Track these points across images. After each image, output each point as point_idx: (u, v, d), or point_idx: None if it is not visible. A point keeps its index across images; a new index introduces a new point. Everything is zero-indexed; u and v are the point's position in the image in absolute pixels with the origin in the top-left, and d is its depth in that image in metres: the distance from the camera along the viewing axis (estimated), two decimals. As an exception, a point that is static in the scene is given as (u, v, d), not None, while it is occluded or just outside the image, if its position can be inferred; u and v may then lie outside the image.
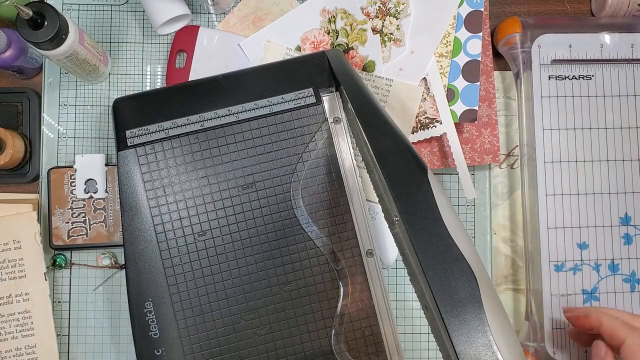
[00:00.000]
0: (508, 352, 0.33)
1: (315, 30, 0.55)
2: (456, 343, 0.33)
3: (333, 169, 0.46)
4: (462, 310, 0.33)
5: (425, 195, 0.37)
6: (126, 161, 0.45)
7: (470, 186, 0.53)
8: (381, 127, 0.40)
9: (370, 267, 0.45)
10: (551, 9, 0.60)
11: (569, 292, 0.53)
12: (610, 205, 0.54)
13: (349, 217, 0.45)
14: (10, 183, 0.55)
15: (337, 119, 0.46)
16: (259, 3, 0.56)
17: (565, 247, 0.53)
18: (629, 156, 0.54)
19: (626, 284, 0.53)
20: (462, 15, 0.54)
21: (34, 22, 0.43)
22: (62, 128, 0.55)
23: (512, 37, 0.55)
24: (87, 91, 0.56)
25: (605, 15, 0.57)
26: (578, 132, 0.54)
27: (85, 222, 0.53)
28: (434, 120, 0.54)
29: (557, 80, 0.54)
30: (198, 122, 0.45)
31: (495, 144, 0.55)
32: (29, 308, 0.51)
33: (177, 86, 0.48)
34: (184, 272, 0.44)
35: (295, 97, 0.46)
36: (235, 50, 0.55)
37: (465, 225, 0.56)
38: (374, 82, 0.54)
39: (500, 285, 0.56)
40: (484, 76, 0.55)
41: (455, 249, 0.35)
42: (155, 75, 0.56)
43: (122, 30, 0.57)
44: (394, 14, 0.54)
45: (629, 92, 0.55)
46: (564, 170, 0.54)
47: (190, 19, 0.56)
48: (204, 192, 0.45)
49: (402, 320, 0.55)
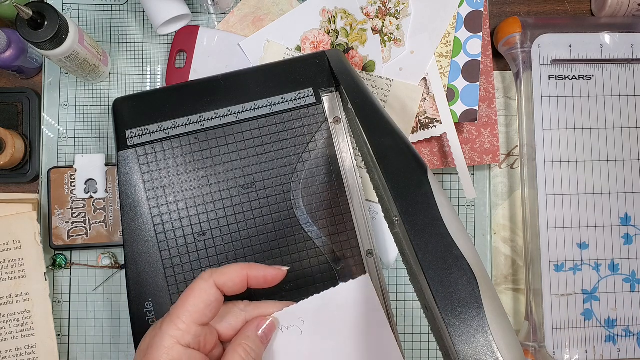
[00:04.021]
0: (508, 352, 0.33)
1: (315, 30, 0.55)
2: (456, 343, 0.33)
3: (333, 169, 0.46)
4: (462, 310, 0.33)
5: (425, 195, 0.37)
6: (126, 161, 0.45)
7: (470, 186, 0.53)
8: (381, 127, 0.40)
9: (370, 267, 0.45)
10: (551, 9, 0.60)
11: (569, 292, 0.53)
12: (610, 205, 0.54)
13: (349, 217, 0.45)
14: (10, 183, 0.55)
15: (337, 119, 0.46)
16: (259, 3, 0.56)
17: (566, 247, 0.53)
18: (629, 156, 0.54)
19: (626, 283, 0.53)
20: (462, 15, 0.54)
21: (34, 22, 0.43)
22: (62, 128, 0.55)
23: (512, 37, 0.55)
24: (87, 91, 0.56)
25: (605, 15, 0.57)
26: (578, 132, 0.54)
27: (85, 222, 0.53)
28: (434, 120, 0.54)
29: (557, 80, 0.54)
30: (198, 122, 0.45)
31: (495, 144, 0.55)
32: (29, 308, 0.51)
33: (177, 86, 0.48)
34: (184, 272, 0.44)
35: (295, 97, 0.46)
36: (235, 50, 0.55)
37: (465, 225, 0.56)
38: (374, 82, 0.54)
39: (501, 285, 0.56)
40: (483, 76, 0.55)
41: (455, 249, 0.35)
42: (155, 75, 0.56)
43: (122, 30, 0.57)
44: (394, 14, 0.54)
45: (629, 92, 0.55)
46: (564, 170, 0.54)
47: (190, 19, 0.56)
48: (204, 192, 0.45)
49: (402, 320, 0.55)
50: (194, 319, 0.34)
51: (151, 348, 0.33)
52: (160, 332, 0.34)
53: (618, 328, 0.53)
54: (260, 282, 0.37)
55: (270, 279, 0.38)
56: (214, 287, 0.35)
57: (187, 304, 0.34)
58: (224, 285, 0.36)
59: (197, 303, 0.34)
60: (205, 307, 0.35)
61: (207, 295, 0.35)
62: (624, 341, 0.53)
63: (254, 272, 0.37)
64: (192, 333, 0.34)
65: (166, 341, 0.33)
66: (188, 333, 0.34)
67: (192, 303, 0.34)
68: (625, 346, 0.52)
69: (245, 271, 0.36)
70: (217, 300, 0.35)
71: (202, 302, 0.34)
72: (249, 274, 0.37)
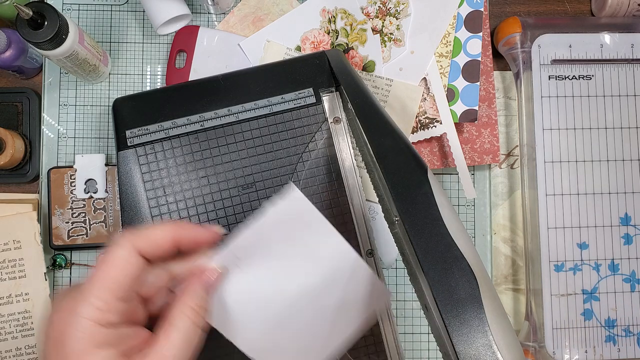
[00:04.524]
0: (508, 352, 0.33)
1: (315, 30, 0.55)
2: (456, 343, 0.33)
3: (333, 169, 0.45)
4: (462, 310, 0.33)
5: (425, 195, 0.37)
6: (126, 161, 0.45)
7: (470, 186, 0.53)
8: (381, 127, 0.40)
9: (370, 267, 0.45)
10: (551, 9, 0.60)
11: (569, 292, 0.53)
12: (610, 205, 0.54)
13: (349, 217, 0.45)
14: (10, 183, 0.55)
15: (337, 119, 0.46)
16: (259, 3, 0.56)
17: (565, 247, 0.53)
18: (629, 156, 0.54)
19: (626, 283, 0.53)
20: (462, 15, 0.54)
21: (34, 22, 0.43)
22: (62, 128, 0.55)
23: (512, 37, 0.55)
24: (87, 91, 0.56)
25: (605, 15, 0.57)
26: (578, 132, 0.54)
27: (85, 222, 0.53)
28: (434, 120, 0.54)
29: (557, 80, 0.54)
30: (198, 122, 0.45)
31: (495, 144, 0.55)
32: (29, 308, 0.51)
33: (177, 86, 0.48)
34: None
35: (295, 97, 0.46)
36: (235, 50, 0.55)
37: (465, 225, 0.56)
38: (374, 82, 0.54)
39: (501, 285, 0.56)
40: (483, 76, 0.55)
41: (455, 249, 0.35)
42: (155, 75, 0.56)
43: (122, 30, 0.57)
44: (394, 14, 0.54)
45: (629, 92, 0.55)
46: (564, 170, 0.54)
47: (190, 19, 0.56)
48: (204, 192, 0.45)
49: (402, 320, 0.55)
50: (115, 295, 0.29)
51: (67, 337, 0.28)
52: (75, 315, 0.28)
53: (618, 328, 0.53)
54: (192, 245, 0.32)
55: (203, 241, 0.33)
56: (135, 255, 0.30)
57: (104, 277, 0.29)
58: (146, 250, 0.30)
59: (115, 276, 0.29)
60: (125, 279, 0.29)
61: (126, 265, 0.29)
62: (624, 341, 0.53)
63: (182, 233, 0.32)
64: (114, 310, 0.29)
65: (84, 325, 0.28)
66: (109, 311, 0.28)
67: (110, 276, 0.29)
68: (625, 346, 0.52)
69: (171, 233, 0.31)
70: (140, 268, 0.30)
71: (122, 274, 0.29)
72: (176, 236, 0.31)
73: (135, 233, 0.31)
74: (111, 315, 0.28)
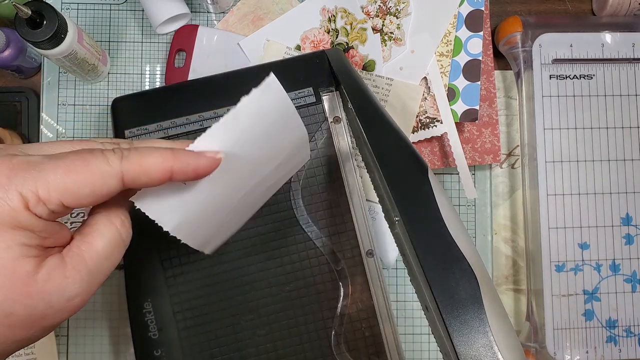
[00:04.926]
0: (509, 352, 0.33)
1: (315, 29, 0.54)
2: (457, 343, 0.33)
3: (333, 168, 0.45)
4: (463, 311, 0.33)
5: (426, 195, 0.36)
6: (125, 161, 0.45)
7: (470, 186, 0.53)
8: (381, 127, 0.40)
9: (370, 267, 0.45)
10: (552, 8, 0.60)
11: (570, 293, 0.52)
12: (612, 205, 0.54)
13: (349, 217, 0.45)
14: (9, 183, 0.55)
15: (337, 118, 0.46)
16: (259, 2, 0.56)
17: (566, 247, 0.53)
18: (630, 156, 0.54)
19: (627, 284, 0.53)
20: (462, 15, 0.54)
21: (32, 22, 0.43)
22: (61, 128, 0.55)
23: (512, 36, 0.55)
24: (86, 91, 0.56)
25: (606, 15, 0.57)
26: (579, 132, 0.54)
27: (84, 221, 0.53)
28: (435, 120, 0.53)
29: (558, 80, 0.54)
30: (197, 121, 0.45)
31: (496, 144, 0.55)
32: (28, 308, 0.50)
33: (176, 85, 0.48)
34: (183, 272, 0.44)
35: (295, 96, 0.46)
36: (234, 50, 0.55)
37: (466, 225, 0.56)
38: (374, 82, 0.53)
39: (501, 285, 0.56)
40: (484, 75, 0.55)
41: (455, 249, 0.35)
42: (154, 74, 0.56)
43: (121, 29, 0.56)
44: (394, 13, 0.54)
45: (630, 91, 0.55)
46: (565, 170, 0.54)
47: (189, 18, 0.56)
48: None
49: (402, 320, 0.55)
50: (65, 200, 0.25)
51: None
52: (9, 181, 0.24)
53: (619, 328, 0.52)
54: (190, 176, 0.28)
55: (202, 171, 0.28)
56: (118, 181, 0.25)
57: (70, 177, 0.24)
58: (133, 180, 0.26)
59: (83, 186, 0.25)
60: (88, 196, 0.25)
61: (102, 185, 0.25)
62: (625, 342, 0.52)
63: (180, 163, 0.27)
64: (51, 208, 0.24)
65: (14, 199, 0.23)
66: (45, 205, 0.24)
67: (76, 180, 0.24)
68: (627, 347, 0.52)
69: (169, 163, 0.26)
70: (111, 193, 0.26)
71: (89, 189, 0.25)
72: (174, 168, 0.27)
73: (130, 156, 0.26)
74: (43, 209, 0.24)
